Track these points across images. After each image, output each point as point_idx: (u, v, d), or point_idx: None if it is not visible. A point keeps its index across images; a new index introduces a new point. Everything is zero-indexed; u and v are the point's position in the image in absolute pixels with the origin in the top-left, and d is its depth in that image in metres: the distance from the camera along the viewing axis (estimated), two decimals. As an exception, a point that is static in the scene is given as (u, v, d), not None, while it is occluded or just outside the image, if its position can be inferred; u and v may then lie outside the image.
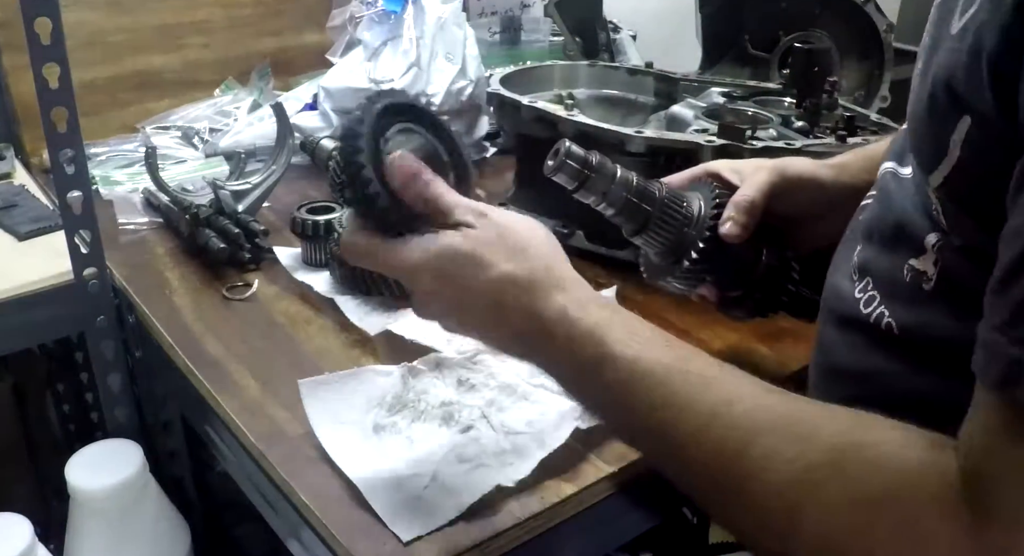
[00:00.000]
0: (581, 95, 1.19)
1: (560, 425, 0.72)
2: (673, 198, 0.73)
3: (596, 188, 0.70)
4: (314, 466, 0.71)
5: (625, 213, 0.72)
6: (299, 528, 0.71)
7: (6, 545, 0.87)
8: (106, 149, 1.32)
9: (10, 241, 1.09)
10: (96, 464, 0.98)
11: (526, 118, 1.02)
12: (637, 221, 0.72)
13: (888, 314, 0.58)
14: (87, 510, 0.98)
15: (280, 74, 1.48)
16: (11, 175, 1.25)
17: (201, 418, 0.88)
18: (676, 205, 0.73)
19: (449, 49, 1.27)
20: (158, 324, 0.92)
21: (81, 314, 1.00)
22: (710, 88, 1.15)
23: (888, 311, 0.58)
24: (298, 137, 1.21)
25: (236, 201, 1.08)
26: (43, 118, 0.88)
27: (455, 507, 0.65)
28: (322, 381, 0.77)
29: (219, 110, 1.41)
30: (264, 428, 0.76)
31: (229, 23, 1.46)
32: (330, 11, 1.43)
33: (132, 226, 1.15)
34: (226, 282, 1.00)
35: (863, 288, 0.61)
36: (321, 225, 0.99)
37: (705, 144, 0.91)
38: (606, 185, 0.70)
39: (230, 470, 0.86)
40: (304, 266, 1.02)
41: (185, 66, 1.44)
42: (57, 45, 0.85)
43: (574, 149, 0.68)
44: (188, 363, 0.85)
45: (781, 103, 1.10)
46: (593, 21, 1.47)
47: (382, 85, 1.23)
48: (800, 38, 1.30)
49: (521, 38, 1.57)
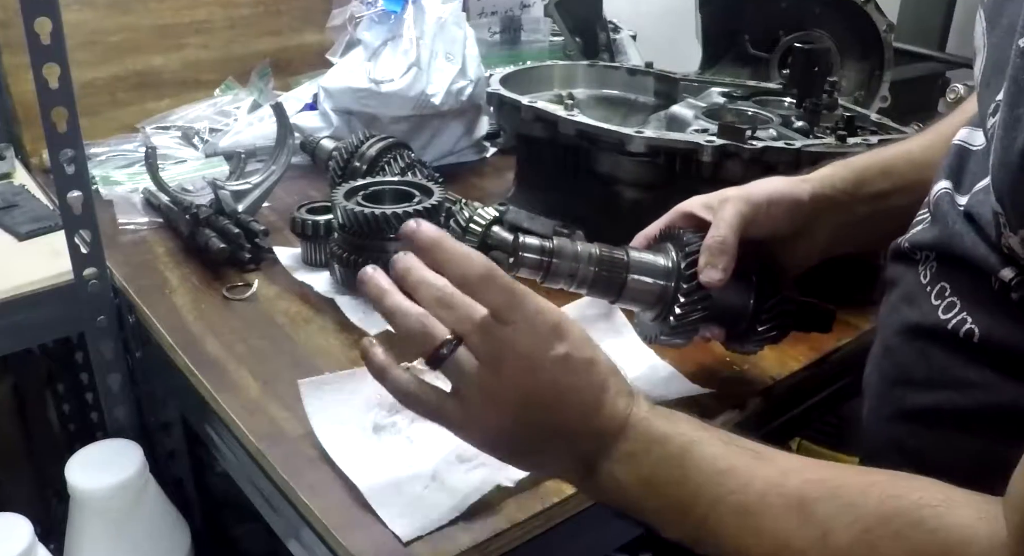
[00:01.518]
0: (581, 95, 1.18)
1: (560, 425, 0.72)
2: (642, 261, 0.72)
3: (561, 272, 0.69)
4: (314, 466, 0.71)
5: (598, 287, 0.71)
6: (299, 528, 0.71)
7: (6, 545, 0.87)
8: (106, 149, 1.32)
9: (10, 241, 1.09)
10: (96, 464, 0.98)
11: (526, 118, 1.02)
12: (613, 291, 0.72)
13: (970, 321, 0.57)
14: (87, 510, 0.98)
15: (280, 74, 1.48)
16: (11, 175, 1.25)
17: (201, 418, 0.88)
18: (647, 266, 0.72)
19: (449, 49, 1.27)
20: (158, 324, 0.92)
21: (81, 314, 1.00)
22: (710, 88, 1.15)
23: (971, 318, 0.57)
24: (298, 137, 1.21)
25: (236, 201, 1.08)
26: (43, 118, 0.88)
27: (455, 507, 0.65)
28: (322, 381, 0.77)
29: (219, 110, 1.41)
30: (264, 428, 0.76)
31: (229, 23, 1.46)
32: (330, 11, 1.43)
33: (132, 226, 1.15)
34: (226, 282, 1.00)
35: (939, 294, 0.60)
36: (321, 225, 0.99)
37: (705, 144, 0.91)
38: (571, 267, 0.69)
39: (230, 470, 0.86)
40: (304, 266, 1.02)
41: (185, 66, 1.44)
42: (57, 45, 0.85)
43: (529, 241, 0.68)
44: (188, 363, 0.85)
45: (781, 103, 1.10)
46: (593, 21, 1.47)
47: (382, 85, 1.23)
48: (800, 38, 1.30)
49: (521, 38, 1.57)
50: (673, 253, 0.73)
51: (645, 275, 0.72)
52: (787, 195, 0.75)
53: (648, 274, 0.72)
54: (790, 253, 0.76)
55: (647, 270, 0.72)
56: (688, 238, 0.73)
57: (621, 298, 0.72)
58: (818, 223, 0.75)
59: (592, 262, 0.70)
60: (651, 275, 0.72)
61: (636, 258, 0.72)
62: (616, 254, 0.71)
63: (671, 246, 0.74)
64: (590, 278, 0.70)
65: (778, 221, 0.74)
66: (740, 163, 0.91)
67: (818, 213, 0.75)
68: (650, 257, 0.73)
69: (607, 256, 0.71)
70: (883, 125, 1.02)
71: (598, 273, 0.70)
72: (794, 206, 0.74)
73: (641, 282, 0.72)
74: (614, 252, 0.71)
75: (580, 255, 0.69)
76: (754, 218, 0.73)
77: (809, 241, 0.76)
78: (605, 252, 0.71)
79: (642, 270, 0.72)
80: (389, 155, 1.10)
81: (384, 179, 1.00)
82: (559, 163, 1.03)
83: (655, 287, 0.72)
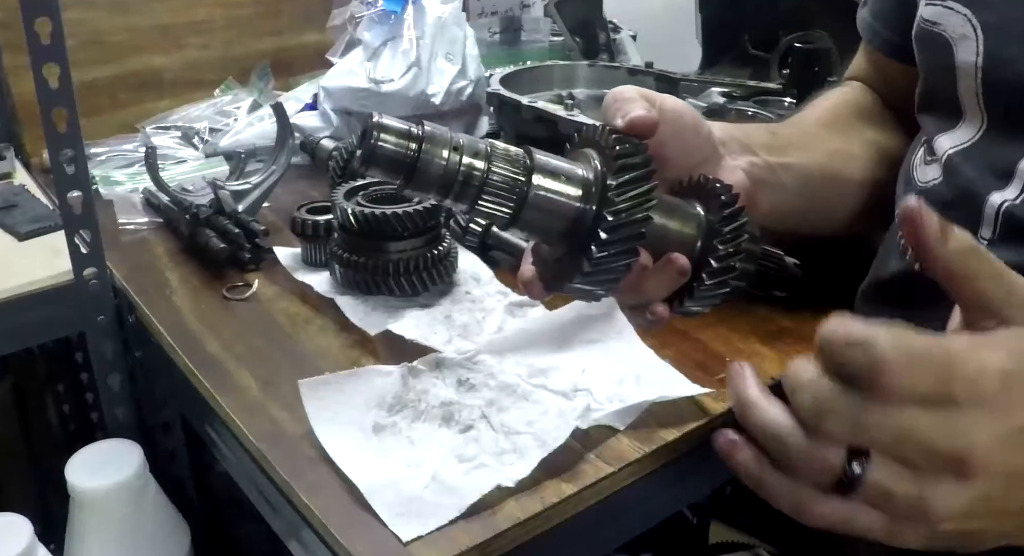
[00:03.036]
0: (581, 95, 1.19)
1: (560, 425, 0.72)
2: (551, 166, 0.54)
3: (433, 172, 0.51)
4: (314, 466, 0.71)
5: (488, 201, 0.53)
6: (299, 528, 0.71)
7: (6, 545, 0.87)
8: (106, 149, 1.32)
9: (10, 241, 1.09)
10: (96, 464, 0.98)
11: (526, 118, 1.02)
12: (507, 207, 0.53)
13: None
14: (87, 510, 0.98)
15: (280, 74, 1.48)
16: (11, 175, 1.25)
17: (201, 418, 0.88)
18: (561, 173, 0.55)
19: (449, 49, 1.27)
20: (158, 324, 0.92)
21: (81, 314, 1.00)
22: (710, 88, 1.15)
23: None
24: (298, 137, 1.21)
25: (236, 201, 1.08)
26: (43, 118, 0.88)
27: (455, 507, 0.65)
28: (322, 381, 0.77)
29: (219, 110, 1.41)
30: (264, 428, 0.76)
31: (229, 23, 1.46)
32: (330, 11, 1.43)
33: (132, 226, 1.15)
34: (226, 282, 1.00)
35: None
36: (321, 225, 0.99)
37: (705, 144, 0.91)
38: (446, 165, 0.51)
39: (230, 470, 0.86)
40: (304, 266, 1.02)
41: (185, 66, 1.44)
42: (57, 45, 0.85)
43: (386, 121, 0.51)
44: (188, 363, 0.85)
45: (781, 103, 1.10)
46: (593, 21, 1.47)
47: (382, 85, 1.23)
48: (800, 38, 1.30)
49: (521, 38, 1.57)
50: (596, 160, 0.55)
51: (555, 185, 0.54)
52: (695, 114, 0.64)
53: (561, 183, 0.54)
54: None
55: (560, 177, 0.54)
56: (615, 137, 0.55)
57: (519, 221, 0.54)
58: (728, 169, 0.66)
59: (480, 157, 0.52)
60: (566, 186, 0.54)
61: (542, 161, 0.54)
62: (512, 151, 0.54)
63: (591, 154, 0.56)
64: (476, 184, 0.52)
65: (685, 133, 0.63)
66: (740, 163, 0.91)
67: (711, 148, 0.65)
68: (564, 164, 0.55)
69: (501, 152, 0.53)
70: (883, 125, 1.02)
71: (486, 177, 0.52)
72: (697, 122, 0.64)
73: (550, 199, 0.53)
74: (510, 149, 0.54)
75: (461, 145, 0.52)
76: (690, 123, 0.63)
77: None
78: (499, 148, 0.53)
79: (552, 176, 0.54)
80: (389, 155, 1.10)
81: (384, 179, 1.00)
82: (559, 163, 1.03)
83: (568, 208, 0.54)
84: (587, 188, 0.54)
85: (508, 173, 0.52)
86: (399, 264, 0.90)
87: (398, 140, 0.51)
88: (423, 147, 0.51)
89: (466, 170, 0.52)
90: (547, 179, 0.54)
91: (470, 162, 0.52)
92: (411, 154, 0.50)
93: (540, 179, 0.53)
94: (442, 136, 0.52)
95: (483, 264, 0.97)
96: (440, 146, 0.51)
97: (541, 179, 0.53)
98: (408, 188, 0.52)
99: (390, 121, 0.51)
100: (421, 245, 0.91)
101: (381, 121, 0.50)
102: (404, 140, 0.51)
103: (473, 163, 0.52)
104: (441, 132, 0.52)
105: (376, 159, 0.51)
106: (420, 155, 0.51)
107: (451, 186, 0.52)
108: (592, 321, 0.87)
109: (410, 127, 0.51)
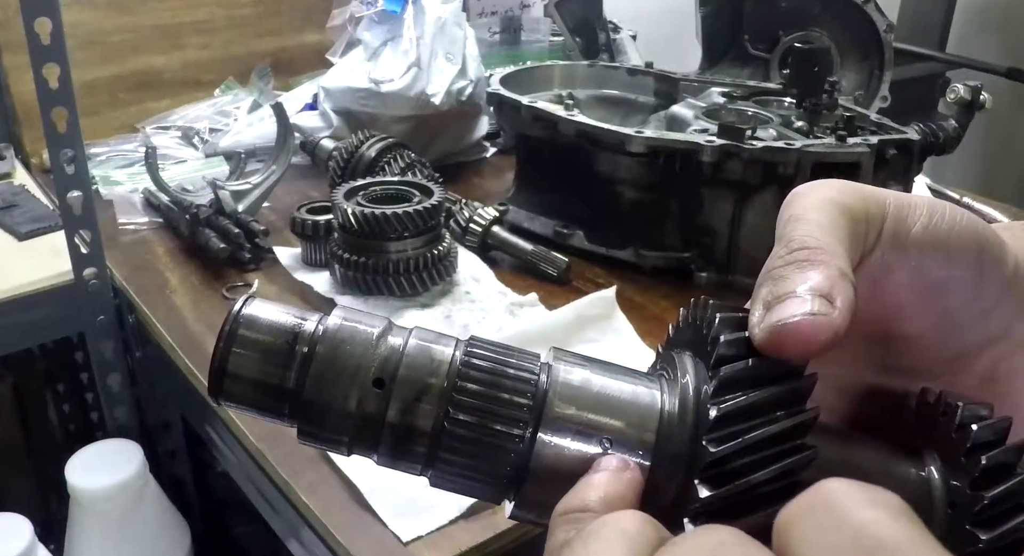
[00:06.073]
0: (581, 95, 1.19)
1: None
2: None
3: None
4: (314, 466, 0.71)
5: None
6: (299, 528, 0.71)
7: (6, 545, 0.87)
8: (106, 149, 1.32)
9: (10, 241, 1.09)
10: (96, 464, 0.98)
11: (526, 118, 1.02)
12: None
13: None
14: (87, 510, 0.98)
15: (280, 74, 1.48)
16: (11, 175, 1.25)
17: (201, 418, 0.88)
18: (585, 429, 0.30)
19: (449, 49, 1.27)
20: (158, 324, 0.92)
21: (81, 314, 1.00)
22: (710, 88, 1.15)
23: None
24: (298, 137, 1.21)
25: (236, 201, 1.08)
26: (43, 118, 0.88)
27: (455, 507, 0.65)
28: (322, 381, 0.77)
29: (219, 110, 1.42)
30: (264, 428, 0.76)
31: (229, 23, 1.46)
32: (330, 11, 1.43)
33: (132, 226, 1.15)
34: (226, 282, 1.00)
35: None
36: (321, 225, 0.99)
37: (705, 144, 0.91)
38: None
39: (230, 470, 0.86)
40: (304, 266, 1.02)
41: (185, 66, 1.44)
42: (57, 45, 0.85)
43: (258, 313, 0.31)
44: (188, 363, 0.85)
45: (781, 103, 1.10)
46: (593, 21, 1.47)
47: (382, 85, 1.23)
48: (800, 38, 1.30)
49: (521, 38, 1.57)
50: (689, 373, 0.30)
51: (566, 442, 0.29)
52: (976, 227, 0.32)
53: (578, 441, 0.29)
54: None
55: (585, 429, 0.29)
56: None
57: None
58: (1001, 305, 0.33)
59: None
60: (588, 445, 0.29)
61: (562, 393, 0.30)
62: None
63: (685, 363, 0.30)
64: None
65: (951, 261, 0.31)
66: (740, 163, 0.91)
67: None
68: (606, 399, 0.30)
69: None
70: (883, 125, 1.02)
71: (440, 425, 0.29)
72: (986, 247, 0.32)
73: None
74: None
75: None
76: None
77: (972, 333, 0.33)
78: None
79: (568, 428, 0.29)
80: (389, 155, 1.10)
81: (384, 179, 1.00)
82: (559, 163, 1.03)
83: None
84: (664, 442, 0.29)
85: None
86: (399, 264, 0.90)
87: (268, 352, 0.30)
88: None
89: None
90: (555, 436, 0.29)
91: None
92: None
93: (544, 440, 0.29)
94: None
95: (483, 264, 0.97)
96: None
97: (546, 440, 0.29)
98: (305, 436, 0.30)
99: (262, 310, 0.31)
100: (421, 245, 0.91)
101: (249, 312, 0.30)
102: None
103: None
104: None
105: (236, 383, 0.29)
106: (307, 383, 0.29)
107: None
108: (592, 321, 0.87)
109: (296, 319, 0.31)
